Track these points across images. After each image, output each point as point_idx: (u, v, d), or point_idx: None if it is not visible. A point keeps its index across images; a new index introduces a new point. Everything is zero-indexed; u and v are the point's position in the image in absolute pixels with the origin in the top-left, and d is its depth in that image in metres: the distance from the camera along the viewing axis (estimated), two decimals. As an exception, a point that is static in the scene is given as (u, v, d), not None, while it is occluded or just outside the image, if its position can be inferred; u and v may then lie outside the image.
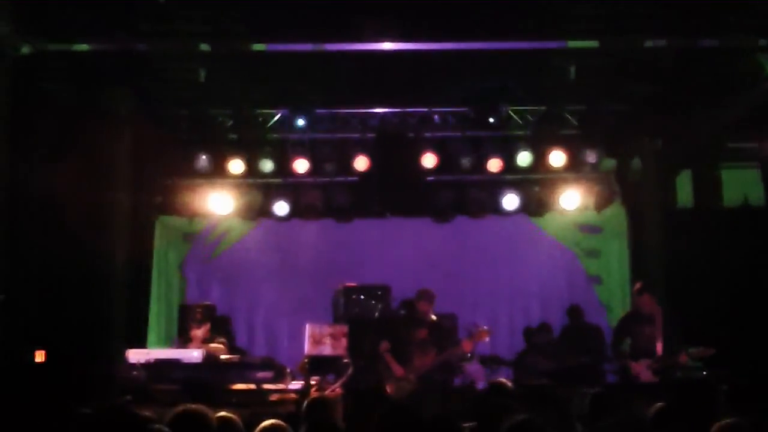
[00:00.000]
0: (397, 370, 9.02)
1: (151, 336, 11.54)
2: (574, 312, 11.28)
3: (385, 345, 9.15)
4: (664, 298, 10.31)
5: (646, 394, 8.37)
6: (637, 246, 11.80)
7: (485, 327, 9.42)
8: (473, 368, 10.28)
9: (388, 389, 8.99)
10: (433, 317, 9.43)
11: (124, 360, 7.84)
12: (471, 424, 5.56)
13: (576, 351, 10.39)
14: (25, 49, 8.25)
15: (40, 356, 9.04)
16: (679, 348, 8.80)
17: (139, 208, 11.13)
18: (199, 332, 8.70)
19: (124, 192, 10.62)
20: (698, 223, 11.00)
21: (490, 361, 10.67)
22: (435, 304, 9.47)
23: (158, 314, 11.85)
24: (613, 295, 12.05)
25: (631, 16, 8.84)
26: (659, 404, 5.47)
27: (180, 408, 4.47)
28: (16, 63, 8.17)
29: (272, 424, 4.65)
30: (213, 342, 8.71)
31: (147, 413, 5.50)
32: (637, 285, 9.45)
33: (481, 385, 9.74)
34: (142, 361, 7.79)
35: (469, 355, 9.39)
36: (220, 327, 10.00)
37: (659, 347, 8.87)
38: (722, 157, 11.43)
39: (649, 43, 8.93)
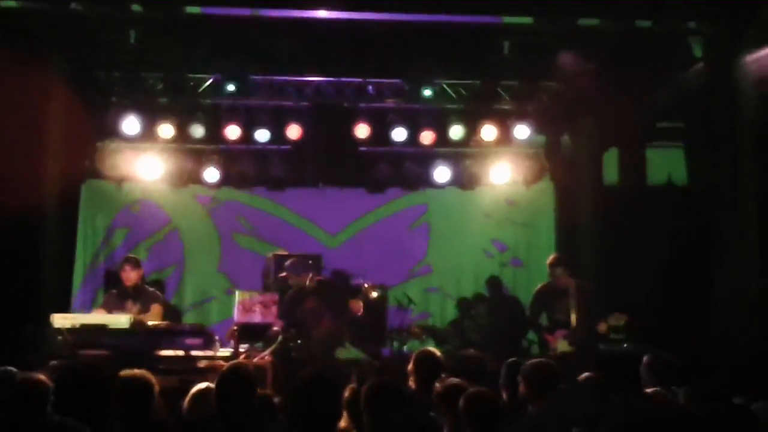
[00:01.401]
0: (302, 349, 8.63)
1: (76, 301, 11.36)
2: (493, 283, 11.47)
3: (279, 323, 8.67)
4: (590, 272, 10.56)
5: (567, 365, 8.62)
6: (564, 221, 12.04)
7: (367, 284, 9.36)
8: None
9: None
10: (320, 280, 9.19)
11: (49, 325, 7.70)
12: None
13: (500, 322, 10.58)
14: (-50, 5, 7.97)
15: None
16: (597, 319, 8.96)
17: (66, 172, 10.87)
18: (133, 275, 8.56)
19: (51, 155, 10.37)
20: (624, 200, 11.25)
21: (421, 332, 10.79)
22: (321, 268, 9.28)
23: (83, 279, 11.66)
24: (541, 271, 12.24)
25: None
26: (587, 374, 5.64)
27: (124, 373, 4.52)
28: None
29: (207, 387, 4.66)
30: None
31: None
32: (552, 258, 9.52)
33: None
34: (68, 326, 7.66)
35: (360, 313, 8.97)
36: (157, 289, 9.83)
37: (573, 319, 8.97)
38: (648, 136, 11.69)
39: (581, 23, 9.07)
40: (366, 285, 9.15)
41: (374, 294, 9.23)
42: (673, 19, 9.01)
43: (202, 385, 4.73)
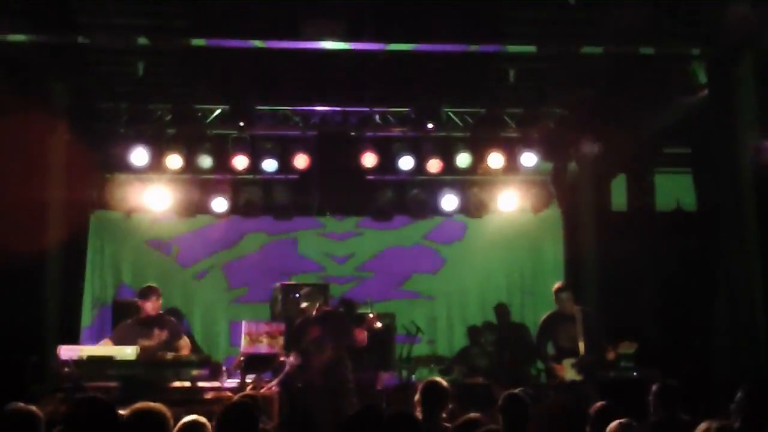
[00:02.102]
0: (304, 378, 8.64)
1: (85, 333, 11.36)
2: (501, 310, 11.45)
3: (294, 357, 8.73)
4: (598, 299, 10.52)
5: (575, 393, 8.58)
6: (572, 248, 12.00)
7: (372, 313, 9.32)
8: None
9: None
10: (326, 310, 9.19)
11: (56, 357, 7.70)
12: None
13: (509, 349, 10.54)
14: (-41, 38, 8.06)
15: (-31, 351, 8.84)
16: (605, 345, 8.92)
17: (74, 203, 10.93)
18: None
19: (58, 186, 10.42)
20: (632, 226, 11.22)
21: (428, 360, 10.77)
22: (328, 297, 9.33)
23: (92, 311, 11.67)
24: (548, 297, 12.21)
25: (569, 22, 9.01)
26: (600, 403, 5.60)
27: (138, 406, 4.48)
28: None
29: (193, 421, 4.62)
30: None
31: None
32: (558, 284, 9.52)
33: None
34: (75, 357, 7.66)
35: (364, 343, 8.89)
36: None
37: (581, 346, 8.94)
38: (656, 162, 11.68)
39: (586, 50, 9.10)
40: (371, 315, 9.09)
41: (378, 324, 9.17)
42: (676, 45, 9.03)
43: (189, 418, 4.69)
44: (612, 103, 10.43)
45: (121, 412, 4.74)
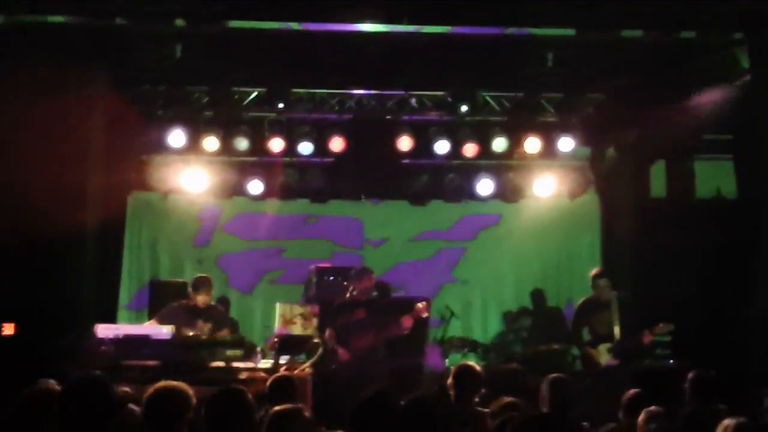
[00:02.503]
0: (342, 354, 8.73)
1: (122, 312, 11.51)
2: (536, 296, 11.39)
3: (329, 333, 8.82)
4: (635, 286, 10.42)
5: (610, 379, 8.54)
6: (609, 235, 11.89)
7: (421, 303, 9.32)
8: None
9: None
10: (373, 295, 9.27)
11: (92, 335, 7.80)
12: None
13: (545, 335, 10.50)
14: (0, 20, 8.14)
15: (8, 329, 8.99)
16: (641, 330, 8.85)
17: (113, 184, 11.04)
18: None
19: (96, 167, 10.54)
20: (670, 214, 11.09)
21: (462, 344, 10.75)
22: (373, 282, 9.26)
23: (129, 290, 11.81)
24: (584, 284, 12.12)
25: (609, 6, 8.87)
26: (632, 390, 5.56)
27: (160, 384, 4.44)
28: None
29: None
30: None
31: (123, 389, 5.52)
32: (595, 270, 9.49)
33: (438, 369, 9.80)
34: (111, 336, 7.75)
35: (407, 331, 8.92)
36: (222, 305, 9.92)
37: (617, 331, 8.91)
38: (696, 149, 11.52)
39: (625, 34, 8.97)
40: (421, 304, 9.14)
41: (425, 314, 9.19)
42: (718, 29, 8.86)
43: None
44: (652, 89, 10.29)
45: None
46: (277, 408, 4.37)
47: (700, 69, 9.76)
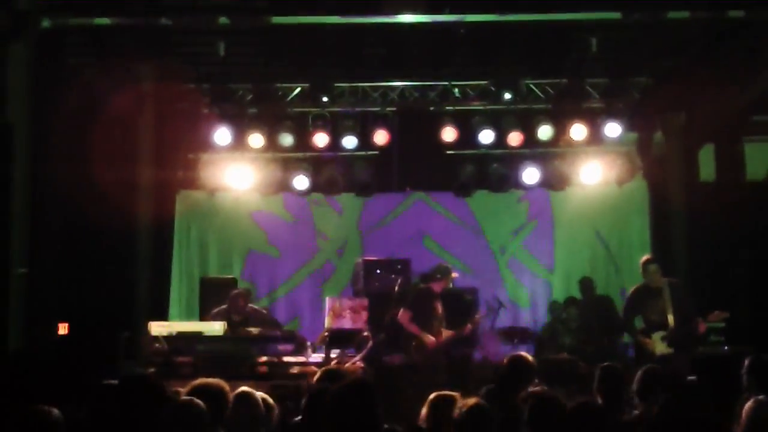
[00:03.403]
0: (429, 339, 9.07)
1: (173, 309, 11.64)
2: (585, 285, 11.27)
3: (407, 314, 9.15)
4: (686, 271, 10.28)
5: (666, 367, 8.43)
6: (659, 221, 11.74)
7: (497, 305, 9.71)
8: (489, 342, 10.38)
9: (415, 358, 9.13)
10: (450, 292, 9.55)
11: (146, 333, 7.90)
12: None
13: (597, 325, 10.40)
14: (47, 24, 8.27)
15: (63, 329, 9.13)
16: (695, 318, 8.74)
17: (161, 183, 11.18)
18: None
19: (146, 166, 10.67)
20: (720, 197, 10.92)
21: (513, 335, 10.70)
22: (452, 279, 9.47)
23: (179, 288, 11.93)
24: (634, 271, 11.98)
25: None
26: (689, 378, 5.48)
27: (197, 382, 4.49)
28: (39, 38, 8.19)
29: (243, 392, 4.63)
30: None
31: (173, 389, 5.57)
32: (645, 257, 9.34)
33: (496, 358, 9.80)
34: (164, 333, 7.85)
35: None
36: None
37: (670, 319, 8.78)
38: (746, 130, 11.33)
39: (672, 15, 8.83)
40: (478, 316, 9.59)
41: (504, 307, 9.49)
42: (766, 8, 8.68)
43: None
44: (699, 71, 10.12)
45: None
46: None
47: (748, 49, 9.58)
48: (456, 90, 11.16)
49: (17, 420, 4.14)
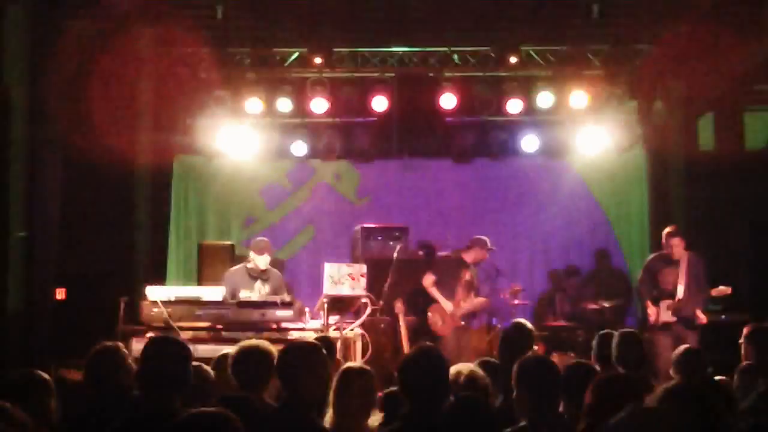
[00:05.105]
0: (448, 305, 9.40)
1: (171, 274, 11.63)
2: (602, 255, 11.31)
3: (431, 278, 9.48)
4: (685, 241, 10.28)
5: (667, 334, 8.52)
6: (658, 189, 11.72)
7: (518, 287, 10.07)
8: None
9: (432, 322, 9.38)
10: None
11: (144, 297, 7.89)
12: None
13: (605, 294, 10.44)
14: (45, -14, 8.19)
15: (60, 294, 9.13)
16: (707, 293, 8.84)
17: (159, 147, 11.12)
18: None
19: (144, 130, 10.61)
20: (720, 166, 10.91)
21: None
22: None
23: (177, 252, 11.92)
24: (633, 239, 12.01)
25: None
26: (684, 346, 5.49)
27: (245, 343, 4.67)
28: (37, 0, 8.11)
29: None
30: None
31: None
32: (669, 228, 9.34)
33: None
34: (163, 298, 7.83)
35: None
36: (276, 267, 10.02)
37: (680, 290, 8.85)
38: (746, 99, 11.29)
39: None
40: (516, 287, 9.99)
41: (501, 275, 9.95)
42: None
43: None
44: (700, 39, 10.05)
45: (227, 350, 4.92)
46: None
47: (750, 18, 9.50)
48: (456, 56, 11.08)
49: (7, 383, 4.20)
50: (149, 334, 7.39)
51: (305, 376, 4.09)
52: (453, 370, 4.69)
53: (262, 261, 8.69)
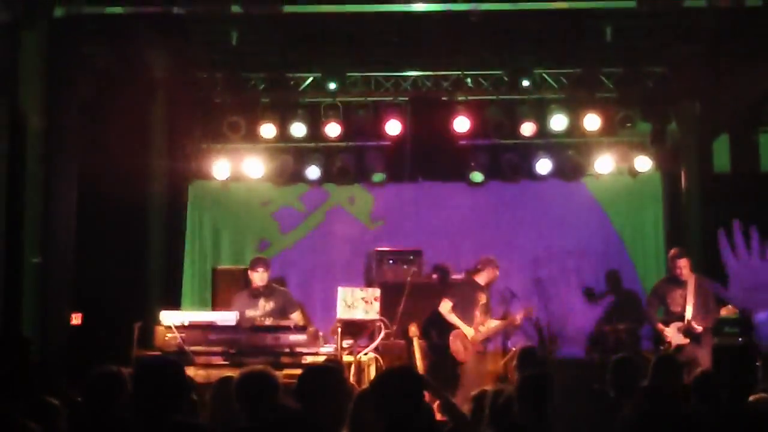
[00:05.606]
0: (469, 331, 9.46)
1: (185, 299, 11.64)
2: (612, 278, 11.26)
3: (448, 305, 9.54)
4: (700, 263, 10.22)
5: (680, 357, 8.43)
6: (673, 211, 11.67)
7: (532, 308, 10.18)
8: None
9: (454, 349, 9.40)
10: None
11: (159, 322, 7.89)
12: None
13: (615, 316, 10.40)
14: (60, 12, 8.25)
15: (76, 319, 9.15)
16: (716, 314, 8.85)
17: (174, 172, 11.17)
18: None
19: (158, 156, 10.66)
20: (735, 188, 10.85)
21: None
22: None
23: (192, 277, 11.93)
24: (648, 262, 11.93)
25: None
26: (699, 370, 5.43)
27: (247, 369, 4.60)
28: (52, 26, 8.18)
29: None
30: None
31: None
32: (674, 250, 9.39)
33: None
34: (177, 323, 7.84)
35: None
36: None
37: (689, 311, 8.90)
38: (761, 121, 11.25)
39: (688, 3, 8.75)
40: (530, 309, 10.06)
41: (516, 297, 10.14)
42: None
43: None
44: (715, 61, 10.04)
45: (231, 374, 4.87)
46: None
47: (763, 39, 9.48)
48: (469, 79, 11.10)
49: (22, 409, 4.20)
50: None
51: (324, 398, 4.05)
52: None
53: (257, 277, 8.79)
